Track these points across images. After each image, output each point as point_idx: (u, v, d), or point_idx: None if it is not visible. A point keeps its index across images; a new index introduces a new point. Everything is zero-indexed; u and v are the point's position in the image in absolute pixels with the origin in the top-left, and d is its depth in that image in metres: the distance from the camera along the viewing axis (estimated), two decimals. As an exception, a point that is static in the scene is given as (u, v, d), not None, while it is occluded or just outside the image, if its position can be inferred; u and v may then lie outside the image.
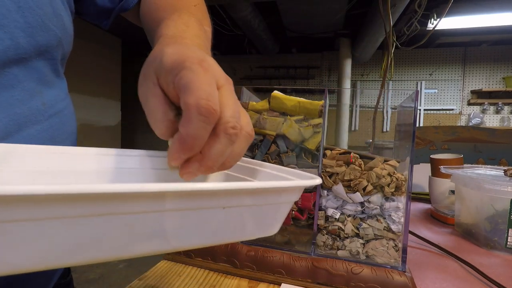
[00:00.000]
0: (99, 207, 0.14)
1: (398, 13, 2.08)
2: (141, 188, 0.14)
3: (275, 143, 0.43)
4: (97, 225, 0.14)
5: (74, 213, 0.13)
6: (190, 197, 0.16)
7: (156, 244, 0.17)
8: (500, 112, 3.57)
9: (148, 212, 0.15)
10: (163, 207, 0.16)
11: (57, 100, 0.37)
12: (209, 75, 0.22)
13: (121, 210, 0.14)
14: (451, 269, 0.46)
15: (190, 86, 0.21)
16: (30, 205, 0.12)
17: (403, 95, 3.61)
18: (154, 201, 0.15)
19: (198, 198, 0.16)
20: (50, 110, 0.35)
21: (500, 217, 0.55)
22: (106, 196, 0.13)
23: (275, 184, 0.19)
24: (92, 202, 0.13)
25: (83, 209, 0.13)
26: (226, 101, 0.23)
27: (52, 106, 0.36)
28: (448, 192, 0.81)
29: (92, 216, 0.14)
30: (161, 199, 0.15)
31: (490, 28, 2.78)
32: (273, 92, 0.44)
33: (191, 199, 0.16)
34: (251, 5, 2.49)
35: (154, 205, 0.15)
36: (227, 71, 0.99)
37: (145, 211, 0.15)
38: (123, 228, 0.15)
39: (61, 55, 0.37)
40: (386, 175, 0.39)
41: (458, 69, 3.68)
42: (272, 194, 0.20)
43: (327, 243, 0.41)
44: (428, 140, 1.21)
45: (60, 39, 0.35)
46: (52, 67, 0.36)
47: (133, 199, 0.14)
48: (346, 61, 3.19)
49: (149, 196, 0.15)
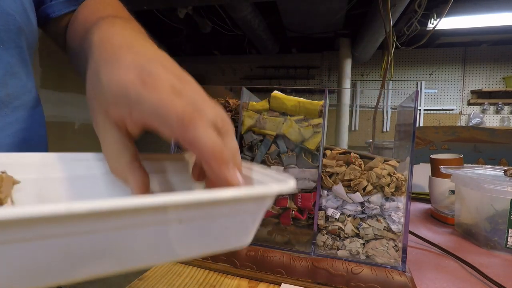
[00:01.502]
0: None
1: (398, 13, 2.08)
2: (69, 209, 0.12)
3: (275, 143, 0.43)
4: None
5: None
6: (138, 213, 0.14)
7: (105, 265, 0.15)
8: (500, 112, 3.57)
9: (90, 232, 0.13)
10: (113, 225, 0.14)
11: (23, 91, 0.35)
12: (162, 91, 0.20)
13: (53, 232, 0.13)
14: (451, 269, 0.46)
15: (160, 116, 0.19)
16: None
17: (403, 95, 3.61)
18: (91, 221, 0.13)
19: (149, 213, 0.15)
20: (15, 101, 0.34)
21: (500, 217, 0.55)
22: (41, 220, 0.12)
23: (232, 194, 0.17)
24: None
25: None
26: (198, 104, 0.21)
27: (18, 97, 0.34)
28: (448, 192, 0.81)
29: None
30: (110, 216, 0.13)
31: (490, 28, 2.77)
32: (273, 92, 0.44)
33: (140, 215, 0.15)
34: (251, 5, 2.49)
35: (95, 225, 0.13)
36: (227, 71, 1.00)
37: (84, 232, 0.13)
38: (57, 252, 0.13)
39: (26, 43, 0.35)
40: (386, 175, 0.39)
41: (458, 69, 3.68)
42: (233, 204, 0.18)
43: (327, 243, 0.41)
44: (428, 140, 1.21)
45: (20, 26, 0.33)
46: (19, 56, 0.34)
47: (68, 220, 0.13)
48: (346, 61, 3.19)
49: (87, 216, 0.13)
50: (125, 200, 0.13)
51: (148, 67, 0.21)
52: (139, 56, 0.22)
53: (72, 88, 2.77)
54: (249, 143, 0.43)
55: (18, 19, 0.33)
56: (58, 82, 2.57)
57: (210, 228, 0.18)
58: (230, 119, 0.24)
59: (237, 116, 0.45)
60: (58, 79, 2.56)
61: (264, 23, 2.91)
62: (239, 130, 0.44)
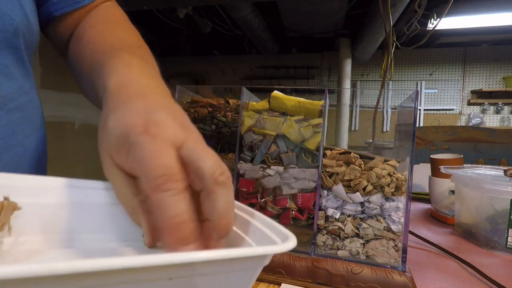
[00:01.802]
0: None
1: (398, 13, 2.08)
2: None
3: (275, 143, 0.43)
4: None
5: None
6: (132, 273, 0.14)
7: None
8: (500, 112, 3.57)
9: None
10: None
11: (19, 93, 0.34)
12: (160, 142, 0.20)
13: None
14: (451, 269, 0.46)
15: (143, 167, 0.19)
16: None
17: (403, 95, 3.61)
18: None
19: (140, 272, 0.15)
20: (10, 103, 0.33)
21: (500, 217, 0.55)
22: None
23: (227, 254, 0.16)
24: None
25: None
26: (198, 153, 0.20)
27: (13, 99, 0.33)
28: (448, 192, 0.81)
29: None
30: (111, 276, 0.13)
31: (490, 28, 2.77)
32: (273, 92, 0.44)
33: (134, 274, 0.14)
34: (251, 5, 2.49)
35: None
36: (227, 71, 1.00)
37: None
38: None
39: (24, 44, 0.34)
40: (386, 175, 0.39)
41: (458, 69, 3.68)
42: (226, 264, 0.17)
43: (327, 243, 0.41)
44: (428, 140, 1.21)
45: (17, 27, 0.32)
46: (15, 56, 0.33)
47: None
48: (346, 61, 3.19)
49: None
50: (109, 261, 0.13)
51: (156, 115, 0.21)
52: (150, 103, 0.22)
53: (72, 88, 2.77)
54: (249, 143, 0.43)
55: (16, 19, 0.32)
56: (58, 82, 2.57)
57: (210, 283, 0.17)
58: (231, 119, 0.23)
59: (237, 116, 0.45)
60: (58, 79, 2.56)
61: (264, 23, 2.91)
62: (239, 130, 0.44)
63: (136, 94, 0.24)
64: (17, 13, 0.32)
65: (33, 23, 0.35)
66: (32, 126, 0.37)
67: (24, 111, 0.35)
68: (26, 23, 0.33)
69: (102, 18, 0.39)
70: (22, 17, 0.33)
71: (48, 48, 0.65)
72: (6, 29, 0.31)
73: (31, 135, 0.36)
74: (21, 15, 0.33)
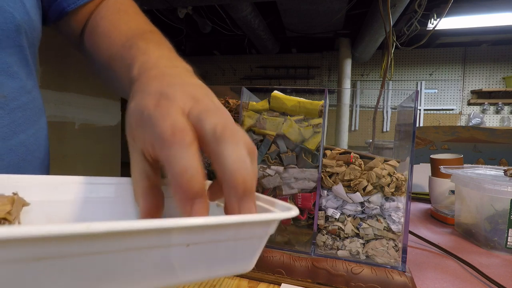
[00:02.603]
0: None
1: (398, 13, 2.08)
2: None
3: (275, 143, 0.43)
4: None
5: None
6: (154, 234, 0.15)
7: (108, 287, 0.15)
8: (500, 112, 3.57)
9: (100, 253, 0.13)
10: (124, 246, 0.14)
11: (21, 92, 0.34)
12: (166, 109, 0.20)
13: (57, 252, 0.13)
14: (451, 269, 0.46)
15: (154, 132, 0.19)
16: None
17: (403, 95, 3.61)
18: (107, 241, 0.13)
19: (163, 234, 0.15)
20: (12, 103, 0.33)
21: (500, 217, 0.55)
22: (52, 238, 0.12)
23: (246, 218, 0.17)
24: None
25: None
26: (202, 115, 0.20)
27: (15, 99, 0.33)
28: (448, 192, 0.81)
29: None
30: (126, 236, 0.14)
31: (490, 28, 2.78)
32: (273, 92, 0.44)
33: (156, 236, 0.15)
34: (251, 5, 2.49)
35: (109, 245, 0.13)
36: (227, 71, 0.99)
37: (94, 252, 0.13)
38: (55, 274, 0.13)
39: (27, 42, 0.34)
40: (386, 175, 0.39)
41: (458, 69, 3.68)
42: (243, 228, 0.18)
43: (327, 243, 0.41)
44: (428, 140, 1.21)
45: (19, 24, 0.32)
46: (18, 55, 0.33)
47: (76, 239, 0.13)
48: (346, 61, 3.19)
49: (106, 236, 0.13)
50: (121, 223, 0.13)
51: (167, 92, 0.22)
52: (165, 83, 0.23)
53: (72, 88, 2.77)
54: (249, 143, 0.43)
55: (17, 16, 0.31)
56: (58, 82, 2.57)
57: (216, 252, 0.18)
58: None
59: (237, 116, 0.45)
60: (58, 79, 2.55)
61: (264, 23, 2.91)
62: (239, 130, 0.44)
63: (155, 77, 0.24)
64: (18, 10, 0.32)
65: (34, 19, 0.35)
66: (34, 125, 0.37)
67: (26, 110, 0.35)
68: (27, 19, 0.33)
69: (113, 9, 0.39)
70: (23, 13, 0.32)
71: (48, 48, 0.65)
72: (7, 27, 0.31)
73: (33, 135, 0.36)
74: (22, 11, 0.32)
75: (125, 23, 0.36)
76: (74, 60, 2.76)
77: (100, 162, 3.24)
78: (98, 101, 3.42)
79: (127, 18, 0.38)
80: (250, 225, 0.18)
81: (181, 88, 0.22)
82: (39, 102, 0.39)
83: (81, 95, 3.10)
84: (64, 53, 2.61)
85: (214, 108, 0.21)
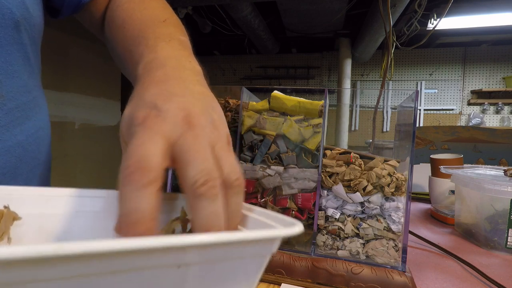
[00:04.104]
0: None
1: (398, 13, 2.08)
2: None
3: (275, 143, 0.43)
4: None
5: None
6: (139, 255, 0.13)
7: None
8: (500, 112, 3.57)
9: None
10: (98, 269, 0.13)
11: (21, 92, 0.33)
12: (149, 133, 0.19)
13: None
14: (451, 269, 0.46)
15: (126, 154, 0.18)
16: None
17: (403, 95, 3.61)
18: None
19: (149, 255, 0.14)
20: (10, 103, 0.32)
21: (500, 217, 0.55)
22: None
23: (240, 237, 0.15)
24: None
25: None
26: (187, 154, 0.19)
27: (14, 98, 0.32)
28: (448, 192, 0.81)
29: None
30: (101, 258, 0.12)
31: (490, 28, 2.77)
32: (273, 92, 0.44)
33: (140, 257, 0.14)
34: (251, 5, 2.49)
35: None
36: (227, 71, 0.99)
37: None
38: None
39: (28, 39, 0.33)
40: (386, 175, 0.39)
41: (458, 69, 3.68)
42: (236, 247, 0.16)
43: (327, 243, 0.41)
44: (428, 140, 1.21)
45: (18, 21, 0.31)
46: (19, 53, 0.32)
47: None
48: (346, 61, 3.19)
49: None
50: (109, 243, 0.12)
51: (160, 107, 0.20)
52: (164, 92, 0.22)
53: (72, 88, 2.77)
54: (249, 143, 0.43)
55: (16, 12, 0.30)
56: (58, 82, 2.57)
57: (215, 272, 0.17)
58: (230, 119, 0.23)
59: (237, 116, 0.45)
60: (58, 79, 2.56)
61: (264, 23, 2.91)
62: (239, 130, 0.44)
63: (157, 81, 0.23)
64: (17, 5, 0.31)
65: (34, 15, 0.34)
66: (34, 126, 0.36)
67: (26, 110, 0.34)
68: (27, 15, 0.32)
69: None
70: (22, 9, 0.31)
71: (48, 48, 0.64)
72: (6, 24, 0.30)
73: (32, 135, 0.35)
74: (22, 7, 0.31)
75: (139, 12, 0.35)
76: (74, 60, 2.76)
77: (100, 161, 3.24)
78: (98, 101, 3.42)
79: (141, 5, 0.37)
80: (240, 244, 0.16)
81: (178, 100, 0.21)
82: (40, 101, 0.38)
83: (81, 95, 3.10)
84: (64, 53, 2.61)
85: (203, 145, 0.19)
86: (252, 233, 0.16)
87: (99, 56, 3.32)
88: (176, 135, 0.19)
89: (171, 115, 0.20)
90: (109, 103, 3.68)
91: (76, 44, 2.74)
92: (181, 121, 0.20)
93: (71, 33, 2.64)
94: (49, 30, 2.78)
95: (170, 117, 0.20)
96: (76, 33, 2.82)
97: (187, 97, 0.22)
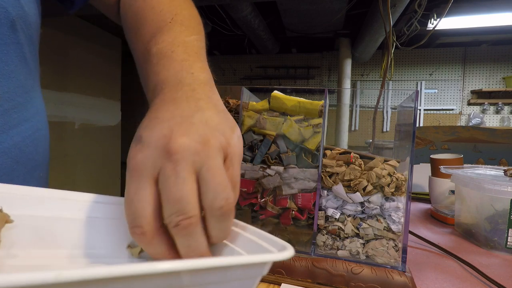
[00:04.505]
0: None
1: (398, 13, 2.08)
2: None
3: (275, 143, 0.43)
4: None
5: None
6: (133, 281, 0.14)
7: None
8: (500, 112, 3.57)
9: None
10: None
11: (18, 92, 0.32)
12: (136, 178, 0.20)
13: None
14: (451, 269, 0.46)
15: (124, 202, 0.21)
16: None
17: (403, 95, 3.61)
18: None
19: (143, 279, 0.14)
20: (6, 104, 0.31)
21: (500, 217, 0.55)
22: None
23: (223, 262, 0.16)
24: None
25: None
26: (165, 190, 0.20)
27: (10, 99, 0.31)
28: (448, 192, 0.81)
29: None
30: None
31: (490, 28, 2.77)
32: (273, 92, 0.44)
33: (135, 282, 0.14)
34: (251, 5, 2.48)
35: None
36: (227, 71, 0.99)
37: None
38: None
39: (25, 39, 0.33)
40: (386, 175, 0.39)
41: (458, 69, 3.68)
42: (222, 273, 0.17)
43: (327, 243, 0.41)
44: (428, 140, 1.21)
45: (13, 20, 0.30)
46: (16, 53, 0.32)
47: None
48: (346, 61, 3.19)
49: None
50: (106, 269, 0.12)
51: (144, 138, 0.21)
52: (150, 122, 0.22)
53: (72, 88, 2.77)
54: (249, 143, 0.43)
55: (12, 12, 0.30)
56: (58, 82, 2.57)
57: None
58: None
59: (237, 116, 0.45)
60: (58, 79, 2.55)
61: (264, 23, 2.91)
62: (239, 130, 0.44)
63: (152, 110, 0.24)
64: (12, 4, 0.30)
65: (30, 13, 0.33)
66: (32, 127, 0.35)
67: (23, 111, 0.33)
68: (22, 14, 0.32)
69: None
70: (17, 8, 0.31)
71: (48, 48, 0.63)
72: (1, 23, 0.29)
73: (29, 136, 0.35)
74: (17, 6, 0.31)
75: (150, 9, 0.36)
76: (74, 60, 2.76)
77: (100, 161, 3.24)
78: (98, 101, 3.42)
79: (153, 1, 0.37)
80: (237, 268, 0.17)
81: (162, 127, 0.21)
82: (38, 102, 0.37)
83: (81, 95, 3.10)
84: (64, 53, 2.61)
85: (181, 176, 0.20)
86: (243, 258, 0.17)
87: (99, 56, 3.32)
88: (158, 169, 0.20)
89: (152, 147, 0.20)
90: (109, 103, 3.68)
91: (76, 44, 2.74)
92: (161, 151, 0.20)
93: (71, 33, 2.64)
94: (49, 30, 2.78)
95: (151, 149, 0.20)
96: (76, 33, 2.82)
97: (175, 119, 0.22)
